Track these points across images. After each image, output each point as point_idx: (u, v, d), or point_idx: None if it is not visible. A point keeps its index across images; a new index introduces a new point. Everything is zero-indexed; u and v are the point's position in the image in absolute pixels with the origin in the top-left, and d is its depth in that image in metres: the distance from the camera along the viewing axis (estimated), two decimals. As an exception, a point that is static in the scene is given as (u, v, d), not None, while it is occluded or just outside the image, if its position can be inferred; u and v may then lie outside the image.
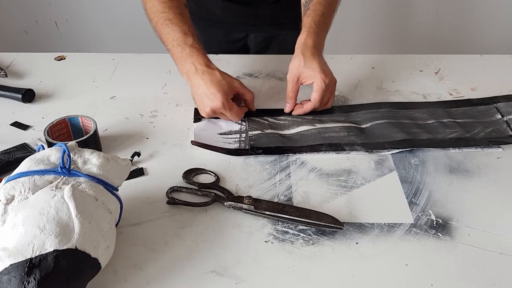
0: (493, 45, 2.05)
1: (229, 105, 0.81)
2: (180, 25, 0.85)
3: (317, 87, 0.83)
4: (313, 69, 0.83)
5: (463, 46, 2.06)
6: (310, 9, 0.89)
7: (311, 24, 0.87)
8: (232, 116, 0.82)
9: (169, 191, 0.69)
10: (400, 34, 2.09)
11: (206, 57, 0.84)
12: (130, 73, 0.99)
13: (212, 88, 0.80)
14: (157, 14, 0.86)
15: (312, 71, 0.83)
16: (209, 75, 0.81)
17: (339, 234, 0.64)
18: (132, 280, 0.58)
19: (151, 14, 0.88)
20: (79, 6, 2.03)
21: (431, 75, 1.00)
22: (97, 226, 0.54)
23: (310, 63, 0.83)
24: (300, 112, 0.86)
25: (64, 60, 1.03)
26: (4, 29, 2.09)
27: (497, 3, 1.98)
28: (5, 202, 0.53)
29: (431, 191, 0.71)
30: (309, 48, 0.85)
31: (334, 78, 0.85)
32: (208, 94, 0.80)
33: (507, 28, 2.04)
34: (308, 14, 0.89)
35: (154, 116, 0.87)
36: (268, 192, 0.71)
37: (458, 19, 2.03)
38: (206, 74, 0.81)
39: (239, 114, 0.83)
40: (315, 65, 0.83)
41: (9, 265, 0.49)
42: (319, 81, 0.83)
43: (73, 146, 0.60)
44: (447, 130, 0.82)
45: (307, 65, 0.83)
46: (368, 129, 0.83)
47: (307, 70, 0.84)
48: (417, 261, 0.60)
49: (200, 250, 0.61)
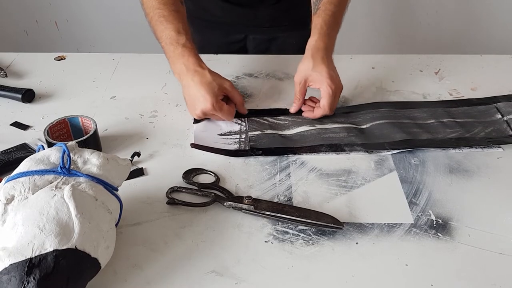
0: (493, 45, 2.05)
1: (219, 106, 0.81)
2: (174, 23, 0.85)
3: (324, 93, 0.83)
4: (321, 74, 0.83)
5: (463, 46, 2.06)
6: (321, 9, 0.89)
7: (322, 25, 0.87)
8: (223, 116, 0.82)
9: (169, 191, 0.69)
10: (400, 34, 2.09)
11: (197, 57, 0.84)
12: (130, 73, 0.99)
13: (202, 89, 0.80)
14: (152, 10, 0.87)
15: (320, 76, 0.83)
16: (199, 76, 0.81)
17: (339, 234, 0.64)
18: (132, 280, 0.58)
19: (146, 9, 0.89)
20: (79, 6, 2.03)
21: (431, 75, 1.00)
22: (97, 226, 0.54)
23: (318, 67, 0.84)
24: (310, 116, 0.86)
25: (64, 60, 1.03)
26: (4, 29, 2.09)
27: (497, 3, 1.98)
28: (5, 202, 0.53)
29: (431, 191, 0.71)
30: (319, 51, 0.85)
31: (340, 85, 0.85)
32: (198, 96, 0.80)
33: (507, 28, 2.04)
34: (318, 14, 0.88)
35: (154, 116, 0.87)
36: (268, 192, 0.71)
37: (458, 19, 2.03)
38: (197, 75, 0.81)
39: (230, 113, 0.83)
40: (324, 70, 0.83)
41: (9, 265, 0.49)
42: (326, 87, 0.83)
43: (73, 146, 0.60)
44: (447, 130, 0.82)
45: (316, 69, 0.84)
46: (368, 130, 0.83)
47: (315, 74, 0.84)
48: (417, 261, 0.60)
49: (200, 250, 0.61)
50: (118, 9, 2.02)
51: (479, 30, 2.05)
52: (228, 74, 0.98)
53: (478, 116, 0.86)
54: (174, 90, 0.93)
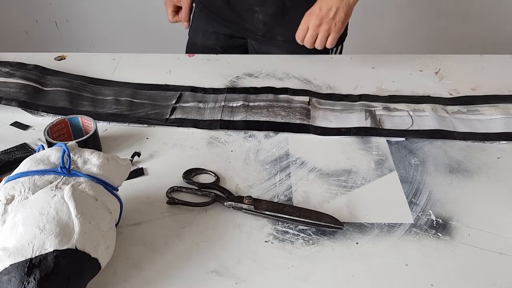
0: (493, 45, 2.05)
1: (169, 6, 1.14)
2: None
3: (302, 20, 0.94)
4: (315, 4, 0.93)
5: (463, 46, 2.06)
6: None
7: None
8: (167, 13, 1.16)
9: (169, 191, 0.69)
10: (400, 34, 2.09)
11: None
12: (130, 73, 0.99)
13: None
14: None
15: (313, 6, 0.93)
16: None
17: (339, 234, 0.64)
18: (132, 280, 0.58)
19: None
20: (79, 6, 2.04)
21: (431, 75, 1.00)
22: (97, 226, 0.54)
23: None
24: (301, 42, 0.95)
25: (64, 60, 1.03)
26: (4, 29, 2.09)
27: (497, 3, 1.98)
28: (5, 202, 0.53)
29: (431, 191, 0.71)
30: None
31: (322, 21, 0.92)
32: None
33: (507, 28, 2.04)
34: None
35: (154, 116, 0.87)
36: (268, 192, 0.71)
37: (458, 19, 2.03)
38: None
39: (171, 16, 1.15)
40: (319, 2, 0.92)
41: (9, 265, 0.49)
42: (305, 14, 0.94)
43: (73, 146, 0.60)
44: None
45: None
46: None
47: None
48: (417, 261, 0.61)
49: (200, 250, 0.61)
50: (118, 9, 2.02)
51: (479, 30, 2.05)
52: (228, 74, 0.98)
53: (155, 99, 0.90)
54: (174, 90, 0.93)
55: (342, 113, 0.87)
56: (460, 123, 0.84)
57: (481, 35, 2.05)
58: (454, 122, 0.84)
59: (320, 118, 0.85)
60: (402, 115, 0.86)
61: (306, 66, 1.01)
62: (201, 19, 1.16)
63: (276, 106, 0.87)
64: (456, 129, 0.82)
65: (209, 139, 0.81)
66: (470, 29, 2.05)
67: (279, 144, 0.80)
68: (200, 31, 1.17)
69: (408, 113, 0.86)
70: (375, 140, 0.81)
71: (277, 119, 0.84)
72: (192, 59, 1.04)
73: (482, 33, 2.04)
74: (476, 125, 0.84)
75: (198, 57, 1.05)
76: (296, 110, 0.86)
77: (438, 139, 0.81)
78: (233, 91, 0.92)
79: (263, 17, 1.05)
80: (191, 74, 0.98)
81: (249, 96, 0.90)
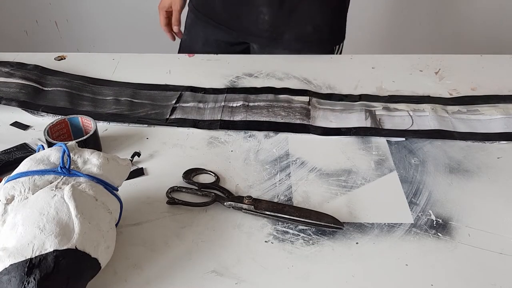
0: (493, 45, 2.05)
1: (161, 12, 1.14)
2: None
3: None
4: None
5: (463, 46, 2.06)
6: None
7: None
8: (160, 20, 1.16)
9: (169, 191, 0.69)
10: (400, 34, 2.09)
11: None
12: (130, 73, 0.99)
13: None
14: None
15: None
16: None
17: (339, 234, 0.64)
18: (132, 280, 0.58)
19: None
20: (79, 6, 2.04)
21: (431, 75, 1.00)
22: (97, 226, 0.54)
23: None
24: None
25: (64, 60, 1.03)
26: (4, 29, 2.09)
27: (497, 3, 1.98)
28: (5, 202, 0.53)
29: (431, 191, 0.71)
30: None
31: None
32: None
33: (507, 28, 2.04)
34: None
35: (154, 116, 0.87)
36: (268, 192, 0.71)
37: (458, 19, 2.03)
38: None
39: (164, 23, 1.16)
40: None
41: (9, 265, 0.49)
42: None
43: (73, 146, 0.60)
44: None
45: None
46: None
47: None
48: (417, 261, 0.61)
49: (200, 250, 0.61)
50: (118, 9, 2.03)
51: (479, 30, 2.05)
52: (228, 74, 0.98)
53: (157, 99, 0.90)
54: (174, 90, 0.93)
55: (342, 113, 0.87)
56: (460, 123, 0.84)
57: (481, 35, 2.05)
58: (454, 122, 0.84)
59: (320, 118, 0.85)
60: (402, 115, 0.86)
61: (306, 66, 1.01)
62: (198, 27, 1.15)
63: (276, 106, 0.87)
64: (456, 129, 0.82)
65: (209, 139, 0.81)
66: (470, 29, 2.05)
67: (279, 144, 0.80)
68: (200, 40, 1.16)
69: (408, 113, 0.86)
70: (375, 140, 0.81)
71: (277, 119, 0.84)
72: (192, 59, 1.04)
73: (482, 33, 2.05)
74: (476, 125, 0.84)
75: (198, 57, 1.05)
76: (296, 110, 0.86)
77: (438, 139, 0.81)
78: (233, 91, 0.92)
79: (269, 17, 1.04)
80: (191, 74, 0.98)
81: (249, 96, 0.90)
